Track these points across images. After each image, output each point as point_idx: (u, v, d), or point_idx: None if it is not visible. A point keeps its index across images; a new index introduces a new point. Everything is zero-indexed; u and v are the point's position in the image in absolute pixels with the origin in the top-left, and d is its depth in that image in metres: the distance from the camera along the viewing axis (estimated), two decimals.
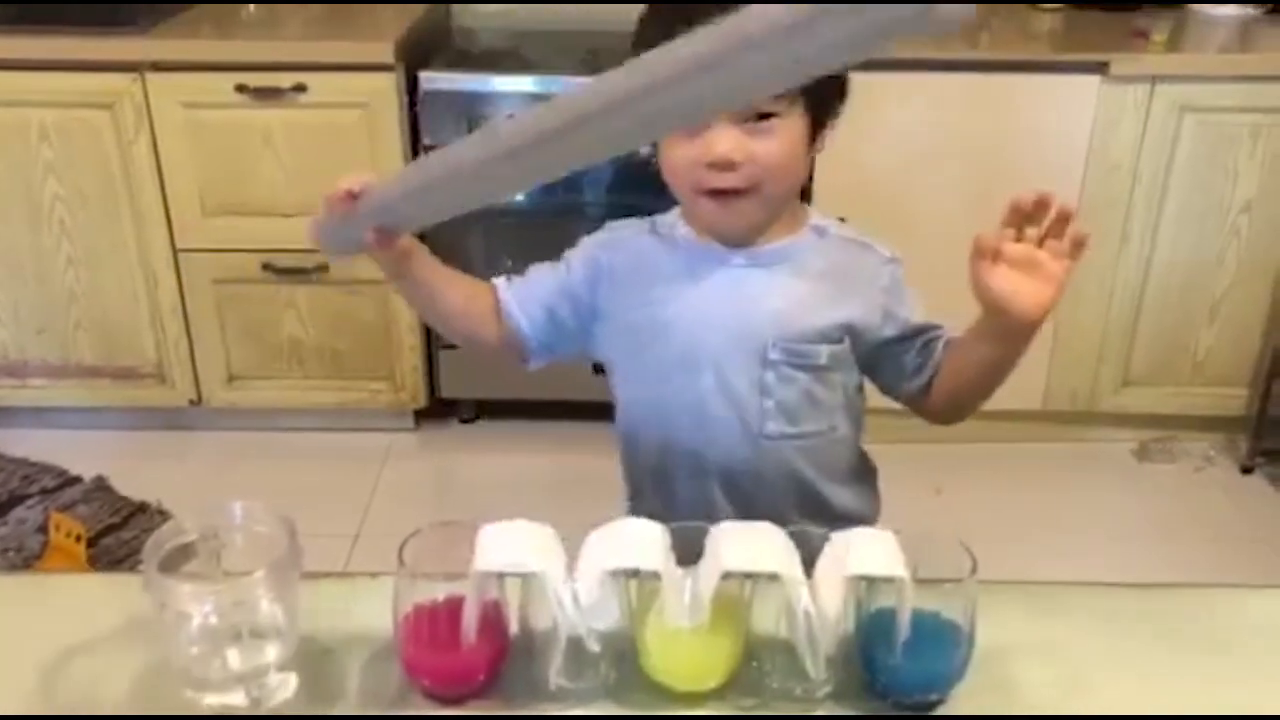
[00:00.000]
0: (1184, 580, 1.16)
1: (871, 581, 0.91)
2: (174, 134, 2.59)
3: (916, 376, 1.26)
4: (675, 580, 0.90)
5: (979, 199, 2.63)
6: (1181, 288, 2.74)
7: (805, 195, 2.62)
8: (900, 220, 2.57)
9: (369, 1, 2.88)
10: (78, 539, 2.36)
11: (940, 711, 0.94)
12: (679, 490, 1.29)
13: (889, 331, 1.25)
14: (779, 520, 0.96)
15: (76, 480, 2.67)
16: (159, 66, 2.54)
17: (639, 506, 1.35)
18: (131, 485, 2.63)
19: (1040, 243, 1.08)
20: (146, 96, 2.55)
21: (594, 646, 0.91)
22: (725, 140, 1.13)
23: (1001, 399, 1.12)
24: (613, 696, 0.94)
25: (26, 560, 2.39)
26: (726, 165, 1.14)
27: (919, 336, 1.26)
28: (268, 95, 2.54)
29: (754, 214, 1.20)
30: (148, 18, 2.64)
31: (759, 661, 0.95)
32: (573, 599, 0.89)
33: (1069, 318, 2.75)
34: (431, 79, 2.59)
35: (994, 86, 2.58)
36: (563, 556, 0.91)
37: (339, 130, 2.58)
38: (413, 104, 2.60)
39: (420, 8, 2.85)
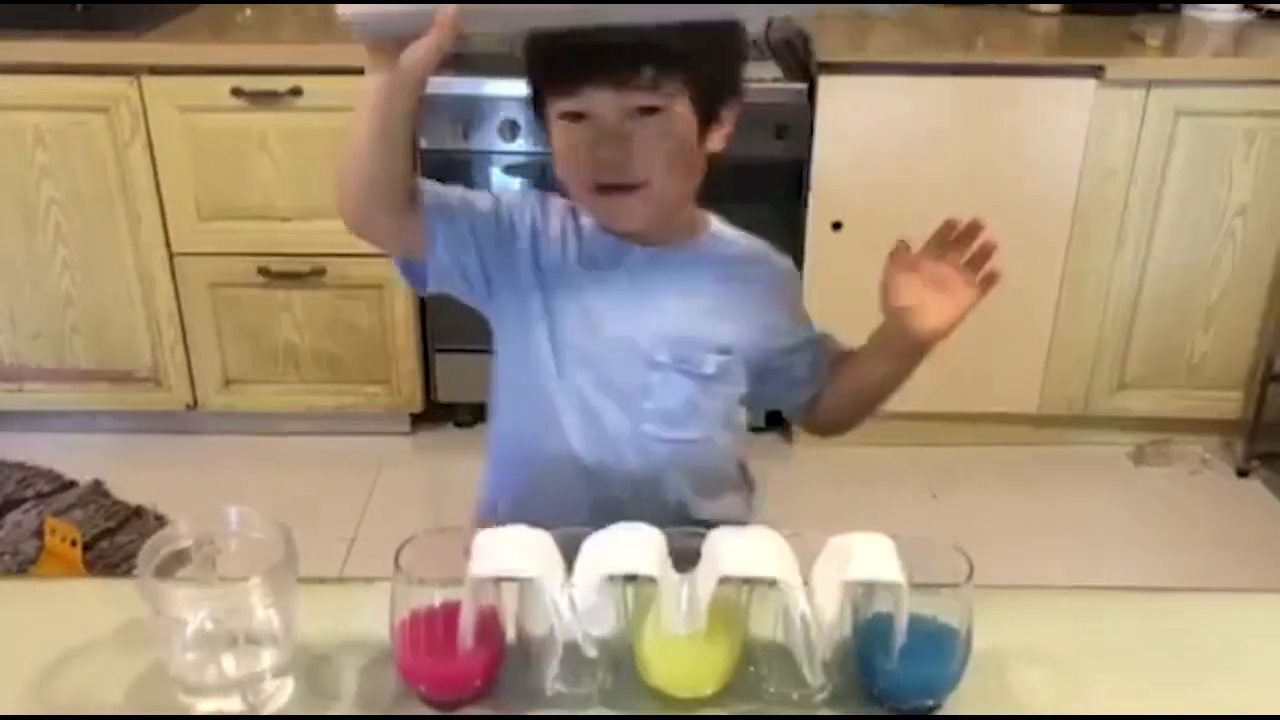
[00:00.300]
0: (1180, 584, 1.16)
1: (869, 586, 0.91)
2: (170, 138, 2.58)
3: (807, 387, 1.28)
4: (672, 586, 0.90)
5: (975, 202, 2.62)
6: (1177, 291, 2.74)
7: (802, 196, 2.64)
8: (896, 223, 2.57)
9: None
10: (73, 543, 2.36)
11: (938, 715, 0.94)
12: (535, 481, 1.26)
13: (781, 343, 1.27)
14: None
15: (72, 485, 2.67)
16: (155, 70, 2.53)
17: (496, 496, 1.33)
18: (127, 489, 2.63)
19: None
20: (142, 100, 2.55)
21: (591, 652, 0.90)
22: (611, 135, 1.12)
23: (997, 403, 1.12)
24: (609, 702, 0.94)
25: (21, 565, 2.39)
26: (613, 160, 1.13)
27: (810, 348, 1.28)
28: (264, 99, 2.54)
29: (644, 210, 1.18)
30: (143, 21, 2.64)
31: (756, 667, 0.95)
32: (569, 604, 0.88)
33: (1065, 321, 2.75)
34: (427, 82, 2.59)
35: (990, 90, 2.58)
36: (559, 562, 0.91)
37: (335, 134, 2.54)
38: None
39: None
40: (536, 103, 1.19)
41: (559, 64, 1.12)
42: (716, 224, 1.27)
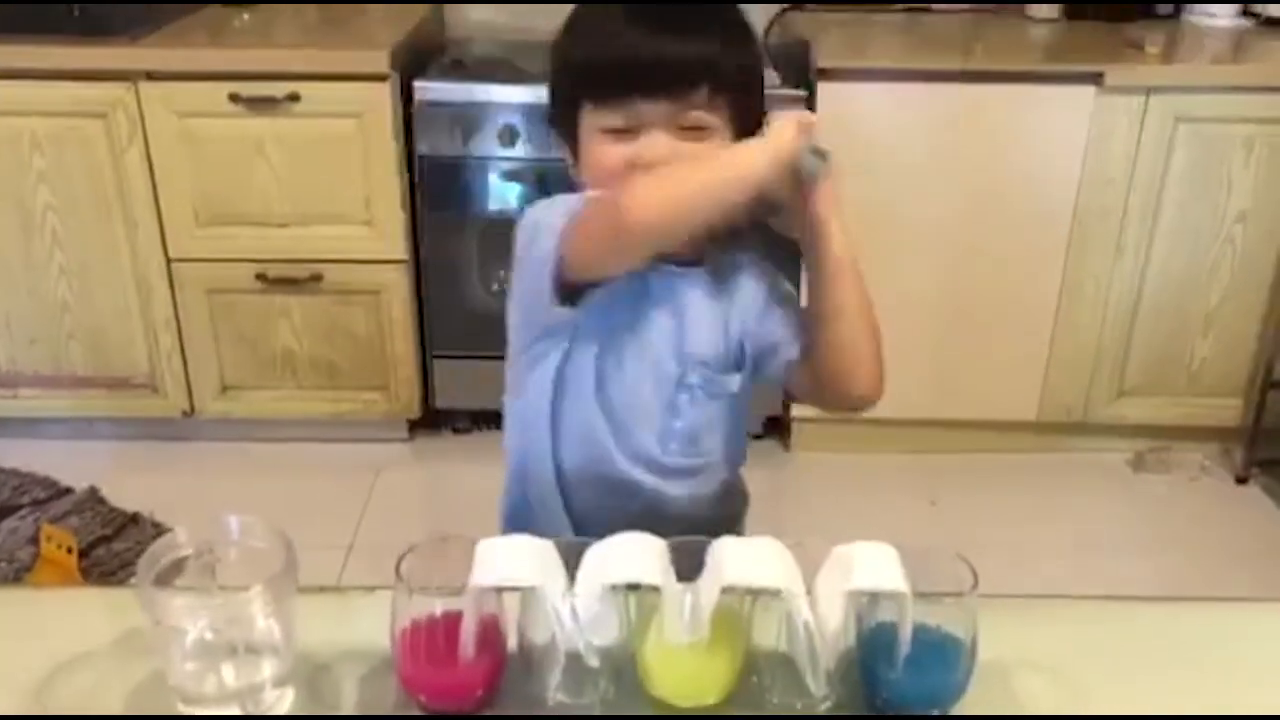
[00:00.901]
0: (1180, 591, 1.16)
1: (872, 596, 0.91)
2: (167, 143, 2.58)
3: (792, 345, 1.21)
4: (675, 595, 0.89)
5: (974, 209, 2.63)
6: (1176, 298, 2.74)
7: None
8: (895, 230, 2.58)
9: (363, 1, 2.89)
10: (69, 551, 2.35)
11: None
12: (545, 505, 1.26)
13: (768, 319, 1.23)
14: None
15: (68, 491, 2.66)
16: (152, 75, 2.53)
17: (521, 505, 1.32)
18: (124, 496, 2.62)
19: None
20: (140, 106, 2.54)
21: (593, 661, 0.90)
22: (659, 145, 1.12)
23: (996, 410, 1.12)
24: (611, 712, 0.93)
25: (17, 572, 2.38)
26: None
27: (783, 306, 1.24)
28: (261, 104, 2.54)
29: None
30: (140, 26, 2.63)
31: (759, 676, 0.94)
32: (571, 613, 0.88)
33: (1064, 328, 2.75)
34: (426, 88, 2.59)
35: (989, 97, 2.58)
36: (561, 570, 0.90)
37: (333, 140, 2.57)
38: (407, 113, 2.60)
39: (414, 17, 2.85)
40: (564, 114, 1.17)
41: (609, 77, 1.11)
42: None
